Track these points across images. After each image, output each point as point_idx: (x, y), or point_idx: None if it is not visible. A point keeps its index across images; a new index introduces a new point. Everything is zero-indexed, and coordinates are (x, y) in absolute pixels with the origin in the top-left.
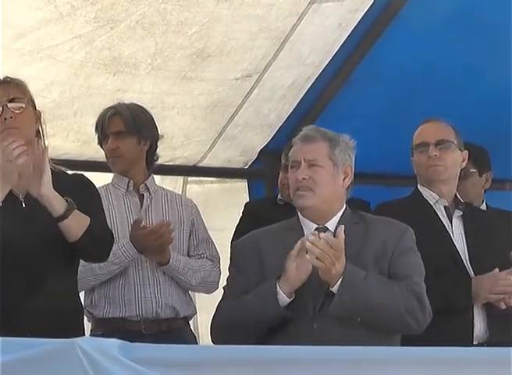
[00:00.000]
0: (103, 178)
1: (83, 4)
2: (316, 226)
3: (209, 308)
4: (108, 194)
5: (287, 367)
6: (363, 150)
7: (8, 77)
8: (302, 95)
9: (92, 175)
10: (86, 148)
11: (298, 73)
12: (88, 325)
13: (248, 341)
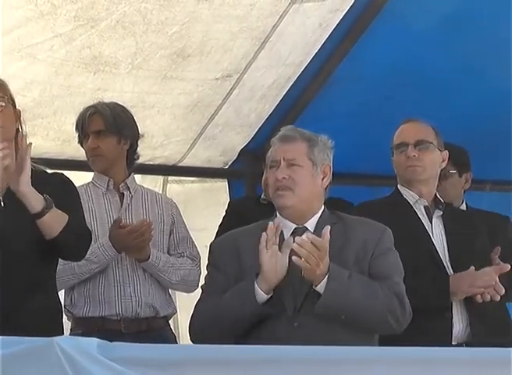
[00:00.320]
0: (83, 177)
1: (63, 3)
2: (295, 226)
3: (189, 307)
4: (89, 192)
5: (265, 367)
6: (343, 150)
7: None
8: (282, 95)
9: (72, 174)
10: (66, 147)
11: (278, 73)
12: (68, 324)
13: (228, 340)
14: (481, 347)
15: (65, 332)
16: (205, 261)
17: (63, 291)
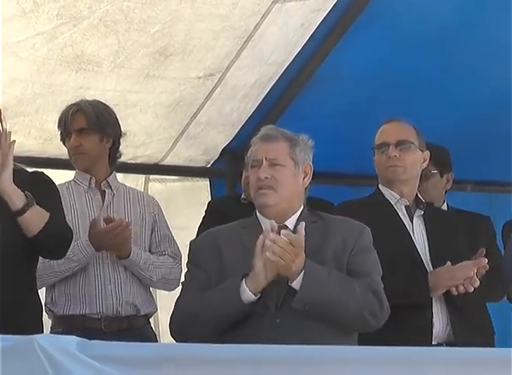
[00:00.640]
0: (65, 175)
1: (45, 1)
2: (275, 224)
3: (170, 306)
4: (70, 190)
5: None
6: (325, 149)
7: None
8: (264, 94)
9: (54, 172)
10: (48, 146)
11: (260, 73)
12: (49, 322)
13: (210, 337)
14: (462, 347)
15: (45, 330)
16: (186, 259)
17: (44, 289)
